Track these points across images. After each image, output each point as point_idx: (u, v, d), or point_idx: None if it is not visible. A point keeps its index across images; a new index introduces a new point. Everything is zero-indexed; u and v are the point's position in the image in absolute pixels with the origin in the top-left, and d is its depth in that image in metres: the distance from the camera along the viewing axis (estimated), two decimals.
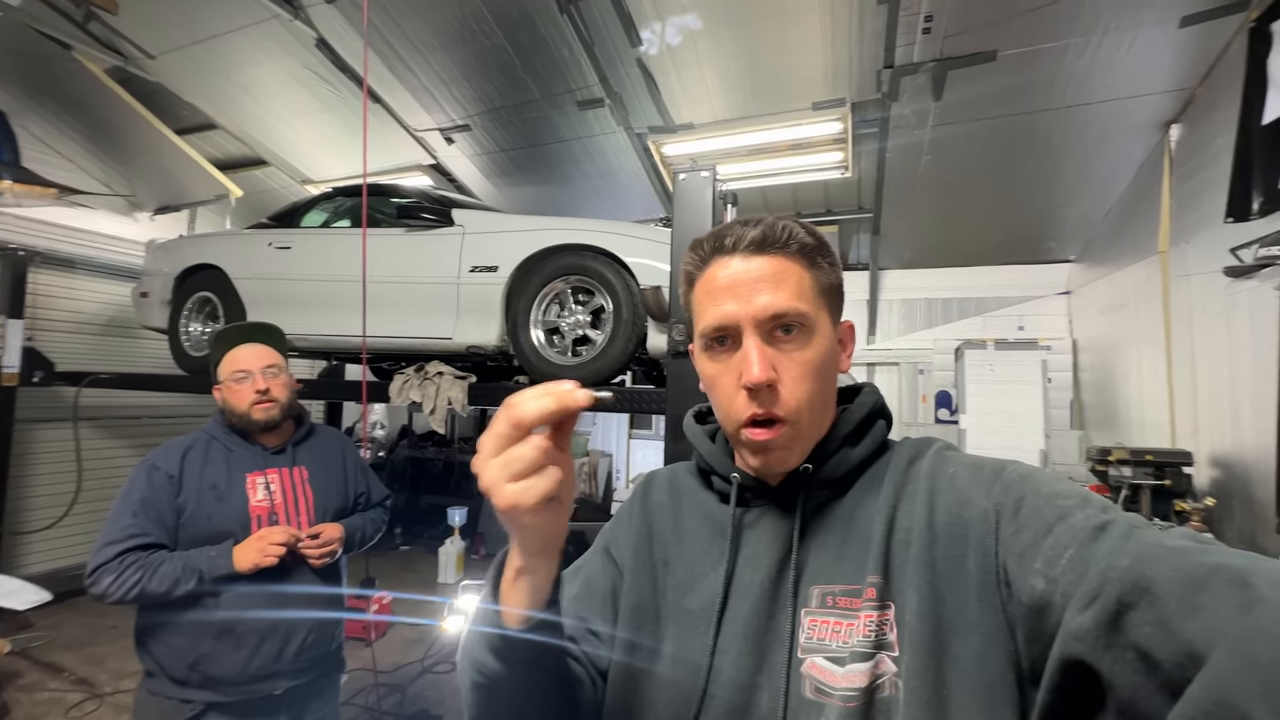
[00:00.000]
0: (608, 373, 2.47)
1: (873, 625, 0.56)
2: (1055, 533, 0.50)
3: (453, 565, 5.30)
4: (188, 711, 1.48)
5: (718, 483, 0.73)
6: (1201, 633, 0.37)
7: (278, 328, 1.80)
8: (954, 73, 3.63)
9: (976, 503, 0.58)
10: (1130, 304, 4.31)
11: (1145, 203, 4.09)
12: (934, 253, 5.71)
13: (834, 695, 0.56)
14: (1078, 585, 0.46)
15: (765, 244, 0.65)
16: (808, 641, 0.60)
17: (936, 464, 0.64)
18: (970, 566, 0.55)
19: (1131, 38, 3.29)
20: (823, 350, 0.65)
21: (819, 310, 0.66)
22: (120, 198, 5.14)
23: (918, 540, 0.58)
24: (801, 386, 0.64)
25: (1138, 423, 4.18)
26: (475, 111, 4.66)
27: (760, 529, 0.68)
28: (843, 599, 0.60)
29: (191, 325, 3.57)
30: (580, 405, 0.50)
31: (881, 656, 0.56)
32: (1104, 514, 0.50)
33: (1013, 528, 0.54)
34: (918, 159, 4.43)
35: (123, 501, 1.51)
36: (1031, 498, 0.55)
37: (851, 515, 0.64)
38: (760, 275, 0.64)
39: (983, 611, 0.53)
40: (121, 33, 4.35)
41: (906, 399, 5.96)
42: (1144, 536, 0.46)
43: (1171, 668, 0.38)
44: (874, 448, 0.68)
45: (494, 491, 0.49)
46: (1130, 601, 0.42)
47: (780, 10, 3.51)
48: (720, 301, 0.65)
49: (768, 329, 0.64)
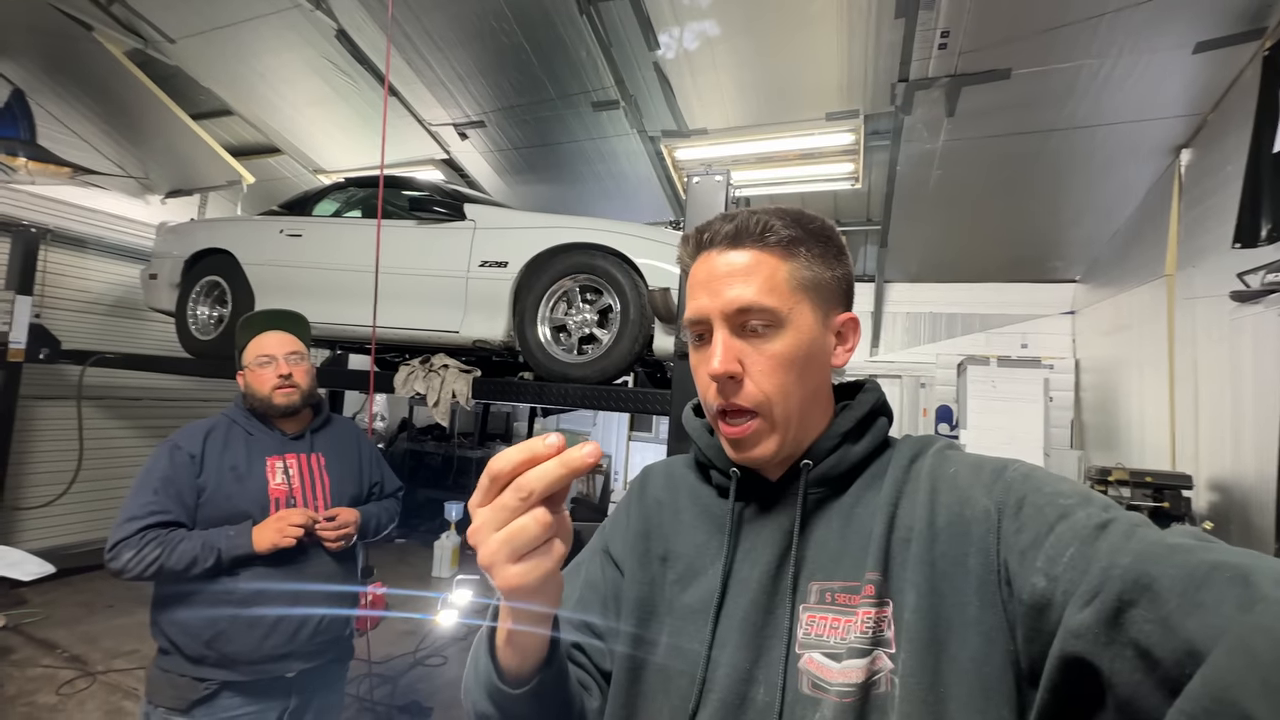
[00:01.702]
0: (613, 372, 2.48)
1: (870, 622, 0.56)
2: (1057, 531, 0.50)
3: (448, 560, 5.30)
4: (202, 690, 1.49)
5: (716, 476, 0.73)
6: (1202, 630, 0.37)
7: (303, 316, 1.81)
8: (967, 88, 3.65)
9: (978, 501, 0.57)
10: (1134, 325, 4.32)
11: (1152, 226, 4.10)
12: (940, 267, 5.72)
13: (830, 690, 0.56)
14: (1079, 583, 0.46)
15: (739, 237, 0.66)
16: (805, 637, 0.60)
17: (938, 462, 0.64)
18: (971, 565, 0.55)
19: (1145, 61, 3.31)
20: (797, 343, 0.64)
21: (796, 303, 0.65)
22: (133, 179, 5.17)
23: (918, 538, 0.58)
24: (769, 379, 0.64)
25: (1138, 444, 4.18)
26: (490, 108, 4.68)
27: (759, 524, 0.68)
28: (841, 595, 0.60)
29: (199, 309, 3.59)
30: (590, 467, 0.46)
31: (878, 653, 0.56)
32: (1106, 512, 0.50)
33: (1014, 526, 0.54)
34: (928, 173, 4.45)
35: (144, 479, 1.52)
36: (1033, 496, 0.55)
37: (851, 512, 0.64)
38: (732, 269, 0.65)
39: (982, 610, 0.53)
40: (143, 15, 4.38)
41: (907, 412, 5.97)
42: (1146, 534, 0.46)
43: (1172, 665, 0.38)
44: (875, 445, 0.68)
45: (495, 571, 0.46)
46: (1131, 599, 0.42)
47: (798, 21, 3.54)
48: (697, 296, 0.67)
49: (736, 322, 0.65)
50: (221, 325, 3.46)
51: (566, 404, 2.49)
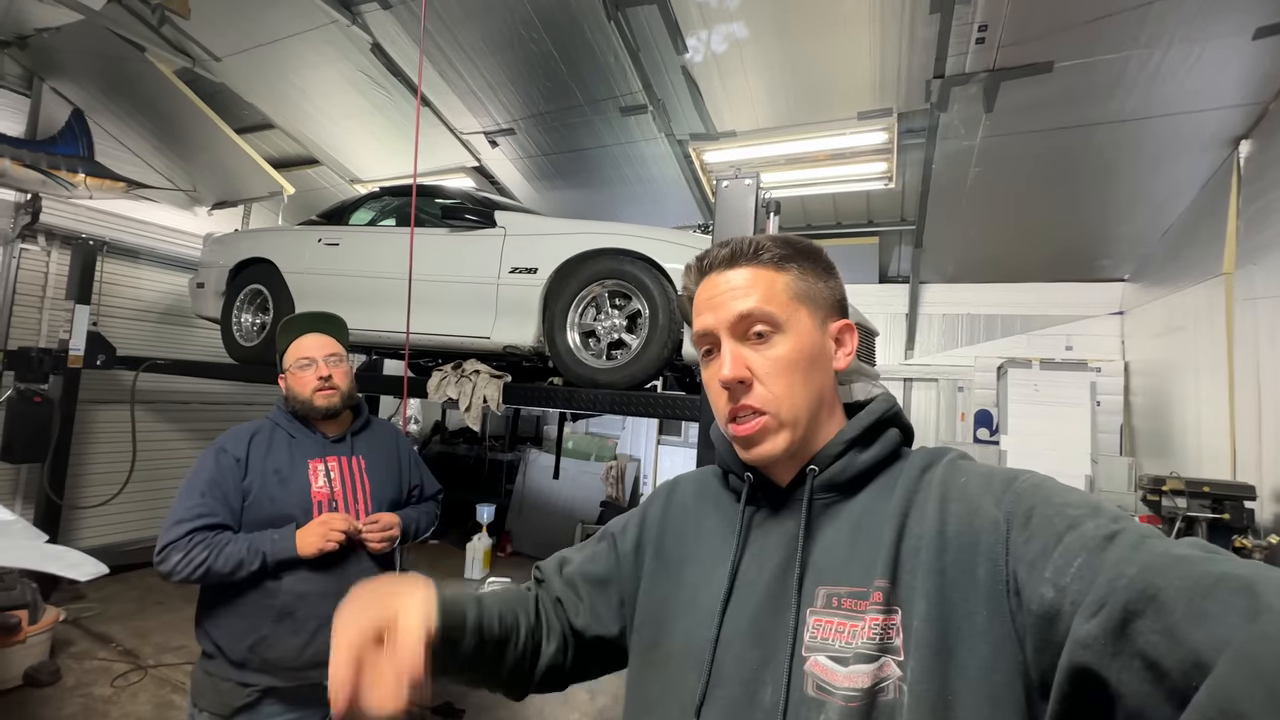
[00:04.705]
0: (642, 378, 2.47)
1: (878, 628, 0.57)
2: (1065, 541, 0.51)
3: (480, 561, 5.37)
4: (245, 696, 1.51)
5: (734, 481, 0.77)
6: (1208, 641, 0.37)
7: (341, 319, 1.82)
8: (1007, 83, 3.54)
9: (987, 512, 0.58)
10: (1189, 327, 4.11)
11: (1209, 222, 3.90)
12: (978, 267, 5.54)
13: (836, 694, 0.57)
14: (1086, 594, 0.46)
15: (735, 258, 0.71)
16: (812, 640, 0.61)
17: (949, 473, 0.65)
18: (980, 575, 0.55)
19: (1200, 50, 3.15)
20: (799, 347, 0.69)
21: (794, 310, 0.69)
22: (182, 192, 5.40)
23: (928, 547, 0.59)
24: (776, 381, 0.68)
25: (1194, 452, 3.97)
26: (520, 115, 4.74)
27: (768, 528, 0.71)
28: (848, 600, 0.61)
29: (243, 316, 3.71)
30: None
31: (886, 660, 0.56)
32: (1114, 524, 0.50)
33: (1023, 537, 0.54)
34: (965, 170, 4.32)
35: (191, 482, 1.55)
36: (1042, 507, 0.55)
37: (861, 519, 0.65)
38: (732, 286, 0.70)
39: (991, 620, 0.54)
40: (191, 35, 4.57)
41: (945, 417, 5.80)
42: (1153, 546, 0.46)
43: (1178, 676, 0.38)
44: (885, 453, 0.69)
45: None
46: (1137, 610, 0.42)
47: (828, 19, 3.48)
48: (702, 314, 0.72)
49: (740, 331, 0.69)
50: (264, 332, 3.58)
51: (595, 409, 2.49)
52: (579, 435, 7.08)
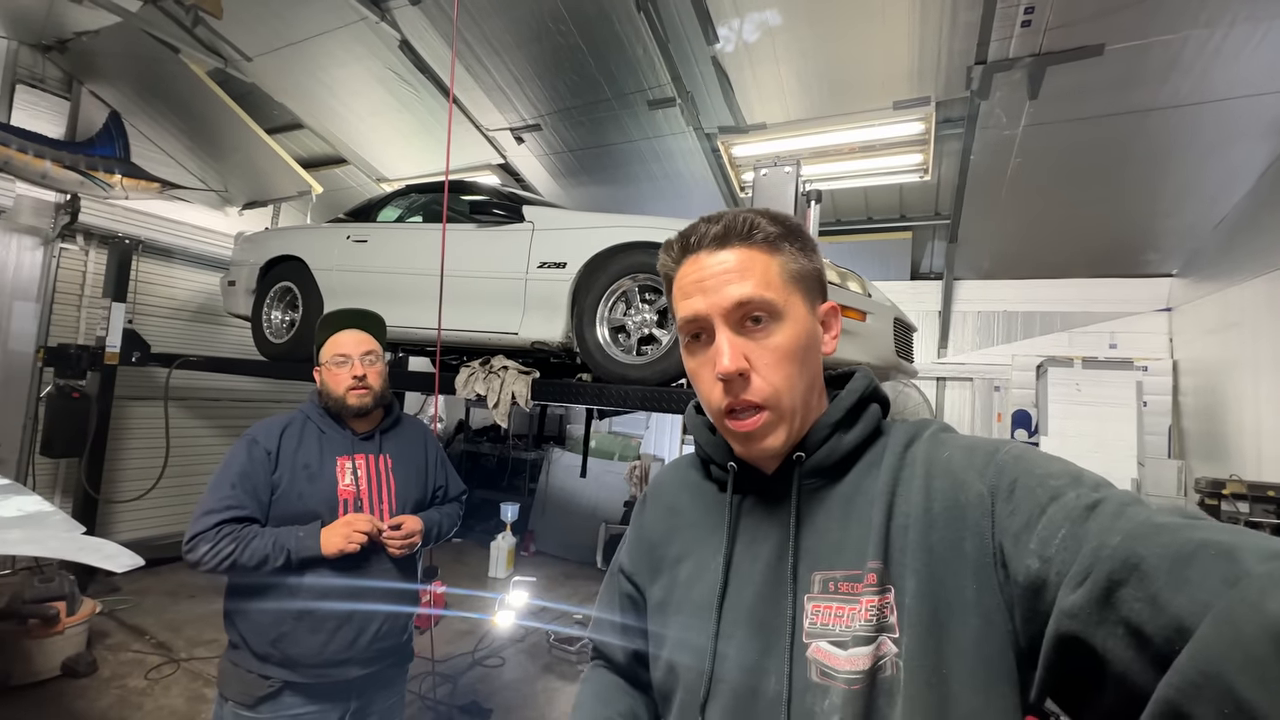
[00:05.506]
0: (673, 373, 2.40)
1: (874, 609, 0.57)
2: (1049, 513, 0.51)
3: (503, 560, 5.35)
4: (266, 688, 1.52)
5: (716, 471, 0.75)
6: (1189, 606, 0.38)
7: (379, 316, 1.80)
8: (1053, 68, 3.39)
9: (972, 486, 0.58)
10: (1246, 323, 3.90)
11: (1269, 212, 3.70)
12: (1016, 262, 5.35)
13: (838, 678, 0.57)
14: (1071, 564, 0.47)
15: (728, 237, 0.67)
16: (811, 626, 0.61)
17: (932, 447, 0.64)
18: (967, 549, 0.56)
19: (1264, 29, 2.97)
20: (796, 334, 0.66)
21: (789, 295, 0.66)
22: (214, 193, 5.48)
23: (915, 525, 0.59)
24: (776, 372, 0.65)
25: (1253, 454, 3.77)
26: (546, 111, 4.70)
27: (758, 516, 0.70)
28: (844, 584, 0.61)
29: (273, 313, 3.73)
30: None
31: (883, 639, 0.57)
32: (1096, 492, 0.51)
33: (1007, 509, 0.55)
34: (1006, 161, 4.16)
35: (223, 473, 1.55)
36: (1025, 479, 0.55)
37: (850, 501, 0.65)
38: (725, 268, 0.66)
39: (980, 592, 0.54)
40: (223, 36, 4.63)
41: (980, 417, 5.62)
42: (1135, 513, 0.47)
43: (1161, 641, 0.39)
44: (867, 432, 0.68)
45: None
46: (1120, 578, 0.43)
47: (866, 3, 3.37)
48: (690, 296, 0.67)
49: (736, 319, 0.66)
50: (293, 329, 3.59)
51: (625, 406, 2.43)
52: (602, 434, 7.03)
